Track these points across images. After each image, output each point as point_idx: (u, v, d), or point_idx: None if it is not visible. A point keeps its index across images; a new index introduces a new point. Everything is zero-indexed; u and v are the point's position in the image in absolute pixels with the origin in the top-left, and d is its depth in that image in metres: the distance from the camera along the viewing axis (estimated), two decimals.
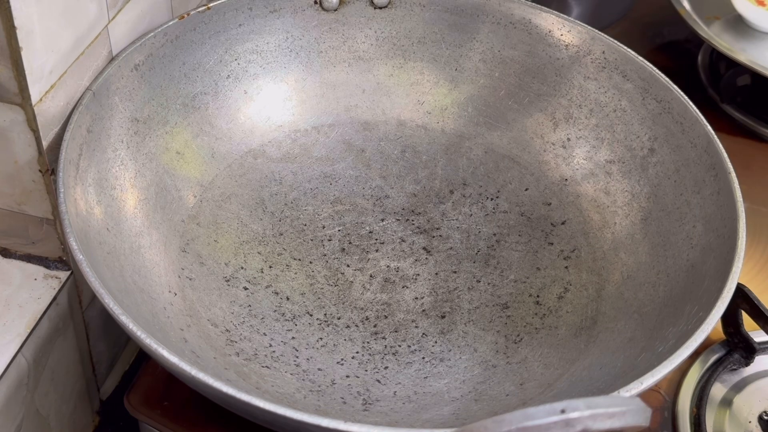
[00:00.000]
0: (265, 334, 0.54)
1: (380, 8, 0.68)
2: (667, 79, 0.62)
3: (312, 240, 0.61)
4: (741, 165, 0.59)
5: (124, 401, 0.53)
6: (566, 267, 0.60)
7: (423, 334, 0.56)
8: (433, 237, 0.62)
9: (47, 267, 0.56)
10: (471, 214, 0.63)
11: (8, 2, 0.44)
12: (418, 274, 0.59)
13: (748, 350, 0.59)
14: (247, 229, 0.60)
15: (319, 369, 0.53)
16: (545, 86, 0.66)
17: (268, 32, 0.66)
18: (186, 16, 0.61)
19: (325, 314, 0.56)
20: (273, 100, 0.66)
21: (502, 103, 0.68)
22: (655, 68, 0.62)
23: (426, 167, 0.66)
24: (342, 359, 0.54)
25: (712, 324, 0.47)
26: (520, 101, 0.67)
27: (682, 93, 0.61)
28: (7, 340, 0.52)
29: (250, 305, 0.56)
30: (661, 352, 0.47)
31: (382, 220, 0.63)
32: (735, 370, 0.59)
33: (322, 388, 0.52)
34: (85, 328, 0.59)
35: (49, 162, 0.51)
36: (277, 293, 0.57)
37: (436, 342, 0.55)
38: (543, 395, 0.51)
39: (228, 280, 0.57)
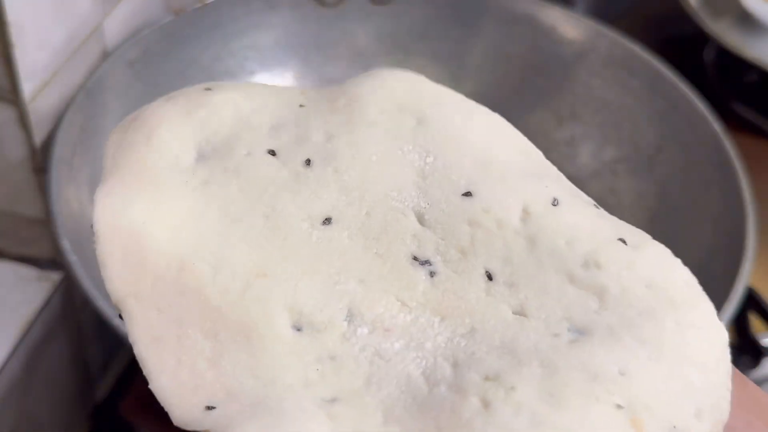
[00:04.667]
0: None
1: (381, 4, 0.67)
2: (674, 75, 0.61)
3: None
4: (750, 163, 0.58)
5: (120, 406, 0.53)
6: None
7: None
8: None
9: (40, 268, 0.55)
10: None
11: None
12: None
13: (755, 354, 0.58)
14: None
15: None
16: (549, 83, 0.66)
17: (265, 28, 0.65)
18: (181, 11, 0.60)
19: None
20: None
21: (505, 100, 0.67)
22: (662, 65, 0.62)
23: None
24: None
25: None
26: (524, 98, 0.66)
27: (689, 90, 0.60)
28: None
29: None
30: None
31: None
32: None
33: None
34: (78, 331, 0.59)
35: (41, 161, 0.51)
36: None
37: None
38: None
39: None
